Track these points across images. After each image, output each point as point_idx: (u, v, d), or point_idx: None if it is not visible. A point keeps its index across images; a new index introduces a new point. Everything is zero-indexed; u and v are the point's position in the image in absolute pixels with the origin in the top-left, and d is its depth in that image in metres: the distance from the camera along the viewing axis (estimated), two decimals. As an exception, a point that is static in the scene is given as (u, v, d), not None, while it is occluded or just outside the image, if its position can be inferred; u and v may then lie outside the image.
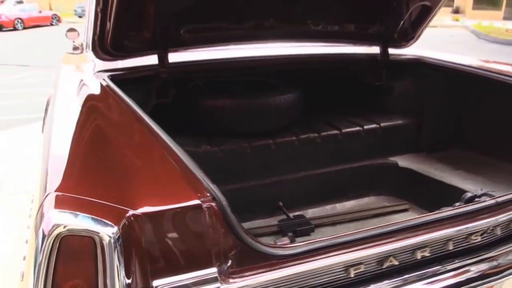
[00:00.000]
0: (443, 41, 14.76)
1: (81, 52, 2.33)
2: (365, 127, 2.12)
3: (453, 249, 1.05)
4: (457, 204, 1.32)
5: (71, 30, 2.86)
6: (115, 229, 0.68)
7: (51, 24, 22.14)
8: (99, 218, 0.67)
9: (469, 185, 1.81)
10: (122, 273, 0.69)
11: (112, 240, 0.67)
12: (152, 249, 0.71)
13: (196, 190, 0.78)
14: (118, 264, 0.68)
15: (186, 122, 1.90)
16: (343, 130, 2.08)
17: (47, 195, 0.72)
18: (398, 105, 2.30)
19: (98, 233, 0.67)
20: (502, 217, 1.08)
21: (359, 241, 0.93)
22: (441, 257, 1.05)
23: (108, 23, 1.50)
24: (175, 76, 1.84)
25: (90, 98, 1.38)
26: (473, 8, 32.39)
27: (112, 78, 1.55)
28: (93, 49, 1.63)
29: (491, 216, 1.07)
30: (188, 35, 1.75)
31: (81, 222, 0.67)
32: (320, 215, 2.02)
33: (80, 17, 27.19)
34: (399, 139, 2.21)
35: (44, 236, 0.65)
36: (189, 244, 0.75)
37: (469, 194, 1.46)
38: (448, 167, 2.04)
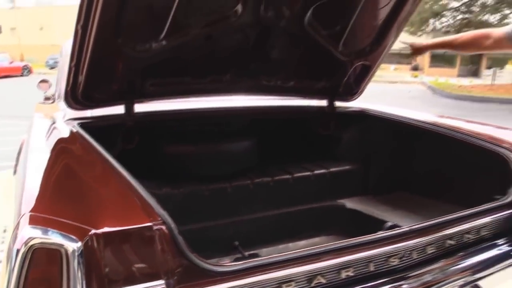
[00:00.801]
0: (402, 96, 15.66)
1: (53, 102, 2.50)
2: (315, 172, 2.33)
3: (374, 270, 1.23)
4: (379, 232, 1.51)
5: (43, 81, 3.03)
6: (79, 244, 0.83)
7: (22, 75, 22.14)
8: (66, 234, 0.82)
9: (405, 223, 2.01)
10: (84, 282, 0.83)
11: (76, 253, 0.82)
12: (109, 263, 0.86)
13: (148, 214, 0.95)
14: (80, 274, 0.82)
15: (149, 166, 2.06)
16: (295, 175, 2.27)
17: (22, 215, 0.87)
18: (345, 152, 2.53)
19: (65, 246, 0.81)
20: (413, 242, 1.28)
21: (290, 261, 1.10)
22: (364, 277, 1.22)
23: (80, 77, 1.67)
24: (140, 124, 2.02)
25: (60, 141, 1.55)
26: (430, 66, 34.58)
27: (81, 125, 1.72)
28: (65, 99, 1.79)
29: (404, 241, 1.27)
30: (153, 88, 1.95)
31: (51, 236, 0.81)
32: (274, 254, 2.16)
33: (51, 68, 27.31)
34: (346, 183, 2.42)
35: (18, 249, 0.79)
36: (141, 259, 0.91)
37: (389, 223, 1.66)
38: (390, 208, 2.24)
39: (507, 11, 16.03)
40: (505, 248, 1.53)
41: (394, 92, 16.75)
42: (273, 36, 1.87)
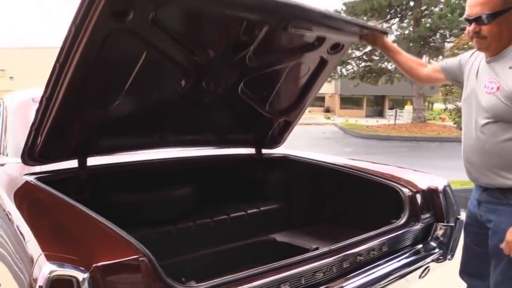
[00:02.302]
0: (317, 137, 16.80)
1: None
2: (248, 211, 2.67)
3: (305, 283, 1.58)
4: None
5: None
6: (86, 274, 1.09)
7: None
8: (77, 267, 1.08)
9: (326, 246, 2.42)
10: None
11: (86, 281, 1.08)
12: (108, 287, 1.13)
13: (132, 249, 1.23)
14: None
15: (102, 214, 2.26)
16: (231, 215, 2.59)
17: (40, 255, 1.11)
18: (273, 192, 2.93)
19: (77, 276, 1.07)
20: (332, 259, 1.66)
21: (244, 278, 1.42)
22: None
23: (39, 138, 1.87)
24: (92, 177, 2.23)
25: (28, 194, 1.75)
26: (341, 108, 37.34)
27: (38, 179, 1.91)
28: (22, 157, 1.94)
29: (325, 258, 1.65)
30: (106, 144, 2.18)
31: (66, 269, 1.07)
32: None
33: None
34: (275, 219, 2.79)
35: (42, 280, 1.03)
36: (131, 284, 1.18)
37: (313, 247, 2.06)
38: (313, 237, 2.64)
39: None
40: (403, 259, 1.98)
41: (310, 134, 17.96)
42: (211, 101, 2.23)
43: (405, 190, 2.13)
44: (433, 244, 2.13)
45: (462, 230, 2.06)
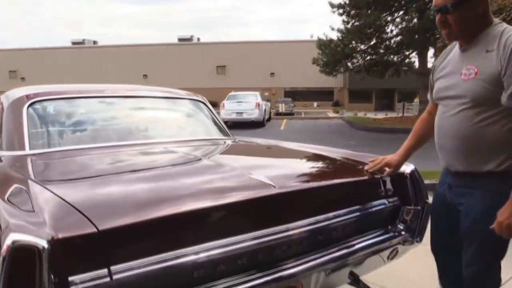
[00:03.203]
0: (322, 130, 16.83)
1: None
2: None
3: (262, 259, 1.63)
4: None
5: None
6: (47, 244, 1.19)
7: None
8: (39, 236, 1.19)
9: None
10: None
11: (47, 250, 1.18)
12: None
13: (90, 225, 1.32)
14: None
15: None
16: None
17: (6, 227, 1.23)
18: None
19: (38, 245, 1.18)
20: (292, 237, 1.72)
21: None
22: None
23: None
24: None
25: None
26: (350, 102, 37.21)
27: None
28: None
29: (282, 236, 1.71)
30: None
31: (29, 238, 1.19)
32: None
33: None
34: None
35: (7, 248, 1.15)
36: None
37: None
38: None
39: (407, 52, 18.09)
40: (368, 239, 2.02)
41: (316, 128, 17.98)
42: None
43: (372, 173, 2.19)
44: (400, 226, 2.19)
45: (431, 211, 2.13)
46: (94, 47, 43.17)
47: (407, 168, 2.25)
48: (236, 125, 17.78)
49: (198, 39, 43.51)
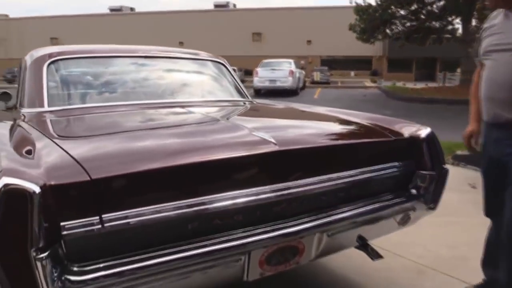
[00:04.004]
0: (356, 99, 16.45)
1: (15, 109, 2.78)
2: None
3: (260, 215, 1.61)
4: None
5: (4, 93, 3.36)
6: (39, 189, 1.21)
7: (-22, 89, 21.70)
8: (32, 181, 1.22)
9: None
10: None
11: (40, 195, 1.21)
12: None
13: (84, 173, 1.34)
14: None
15: None
16: None
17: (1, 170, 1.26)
18: None
19: (29, 190, 1.20)
20: (298, 194, 1.70)
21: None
22: None
23: None
24: None
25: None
26: (388, 71, 36.05)
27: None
28: None
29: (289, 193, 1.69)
30: None
31: (21, 182, 1.22)
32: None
33: (9, 82, 26.80)
34: None
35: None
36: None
37: None
38: None
39: (450, 18, 17.15)
40: (376, 202, 1.94)
41: (350, 97, 17.58)
42: None
43: (385, 135, 2.10)
44: (412, 191, 2.10)
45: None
46: (131, 13, 43.49)
47: (423, 130, 2.14)
48: (269, 93, 17.65)
49: (234, 5, 42.96)
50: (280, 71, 18.03)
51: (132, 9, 44.90)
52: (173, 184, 1.49)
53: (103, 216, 1.34)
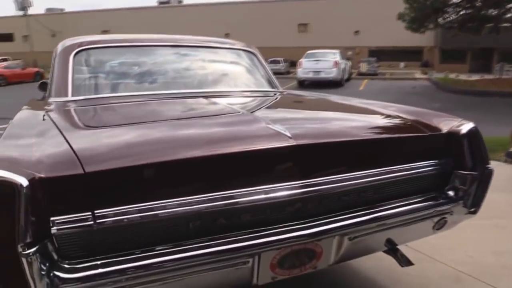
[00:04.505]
0: (404, 92, 15.79)
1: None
2: None
3: (289, 211, 1.49)
4: None
5: (43, 83, 3.43)
6: (27, 182, 1.15)
7: (34, 80, 22.83)
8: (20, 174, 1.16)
9: None
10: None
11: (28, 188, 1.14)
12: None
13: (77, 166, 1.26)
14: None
15: None
16: None
17: None
18: None
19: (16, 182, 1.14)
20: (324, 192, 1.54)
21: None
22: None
23: None
24: None
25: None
26: (441, 62, 34.43)
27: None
28: None
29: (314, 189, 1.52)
30: None
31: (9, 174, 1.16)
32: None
33: (63, 73, 27.90)
34: None
35: None
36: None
37: None
38: None
39: (508, 5, 16.00)
40: (407, 204, 1.75)
41: (398, 89, 16.90)
42: None
43: (420, 129, 1.89)
44: (449, 193, 1.89)
45: None
46: (179, 6, 44.12)
47: (464, 125, 1.91)
48: (313, 85, 17.32)
49: (280, -4, 42.50)
50: (325, 62, 17.63)
51: (180, 1, 45.60)
52: (173, 180, 1.38)
53: (96, 212, 1.26)
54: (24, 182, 1.16)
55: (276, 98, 2.77)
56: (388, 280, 2.36)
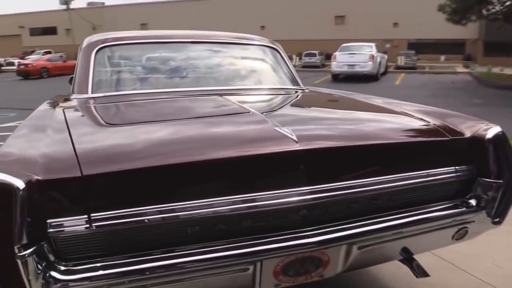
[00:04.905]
0: (443, 87, 15.20)
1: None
2: None
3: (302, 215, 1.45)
4: None
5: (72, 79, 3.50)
6: (23, 184, 1.16)
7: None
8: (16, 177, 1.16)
9: None
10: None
11: (24, 190, 1.15)
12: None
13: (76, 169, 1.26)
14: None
15: None
16: None
17: None
18: None
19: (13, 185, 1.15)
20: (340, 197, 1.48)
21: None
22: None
23: None
24: None
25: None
26: (484, 55, 32.94)
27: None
28: None
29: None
30: None
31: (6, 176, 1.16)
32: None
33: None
34: None
35: None
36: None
37: None
38: None
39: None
40: (425, 212, 1.67)
41: (436, 84, 16.30)
42: None
43: (440, 133, 1.78)
44: (471, 202, 1.77)
45: None
46: (215, -1, 44.30)
47: (489, 129, 1.78)
48: (348, 78, 16.98)
49: (317, -13, 41.83)
50: (360, 55, 17.24)
51: (217, -6, 45.71)
52: (170, 185, 1.36)
53: (92, 215, 1.25)
54: (20, 184, 1.16)
55: (297, 96, 2.70)
56: (406, 288, 2.26)
